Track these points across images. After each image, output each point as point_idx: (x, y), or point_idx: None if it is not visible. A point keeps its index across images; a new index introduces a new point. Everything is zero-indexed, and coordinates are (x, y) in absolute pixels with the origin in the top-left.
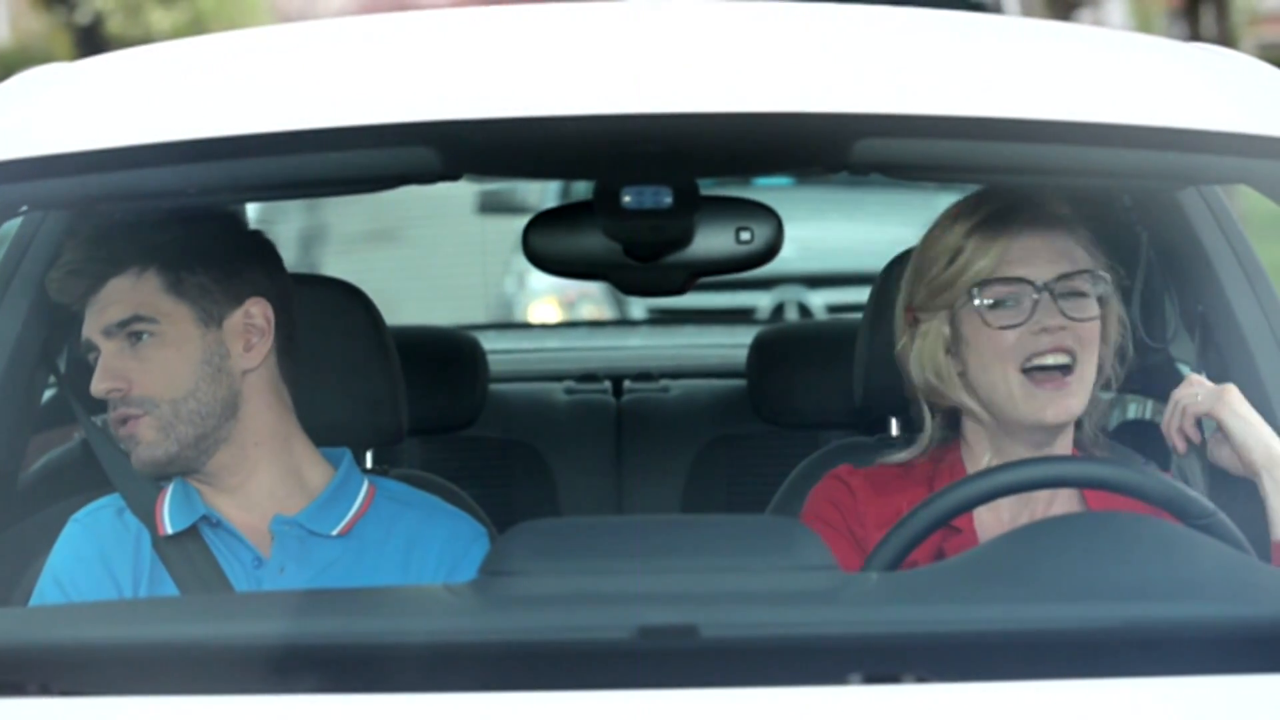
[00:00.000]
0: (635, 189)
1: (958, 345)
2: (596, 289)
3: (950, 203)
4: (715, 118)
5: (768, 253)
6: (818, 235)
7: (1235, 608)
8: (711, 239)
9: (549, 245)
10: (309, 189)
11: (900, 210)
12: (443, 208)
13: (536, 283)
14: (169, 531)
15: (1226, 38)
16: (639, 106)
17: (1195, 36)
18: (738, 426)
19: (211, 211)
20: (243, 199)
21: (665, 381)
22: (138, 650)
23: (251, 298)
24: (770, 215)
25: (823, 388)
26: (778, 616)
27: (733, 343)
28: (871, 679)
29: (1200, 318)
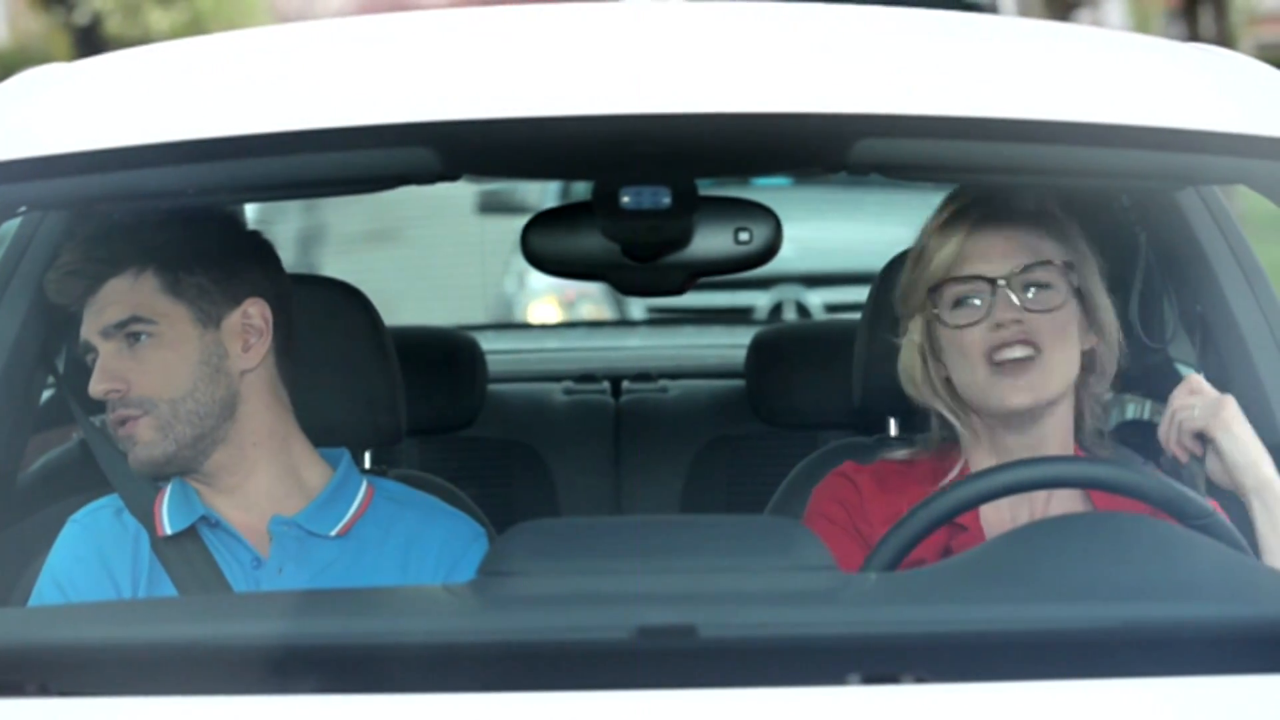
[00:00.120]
0: (634, 189)
1: (936, 349)
2: (596, 289)
3: None
4: (714, 118)
5: (766, 253)
6: (816, 235)
7: (1234, 608)
8: (710, 239)
9: (548, 245)
10: (308, 189)
11: (899, 210)
12: (442, 208)
13: (536, 282)
14: (168, 532)
15: (1225, 38)
16: (638, 107)
17: (1193, 37)
18: (736, 427)
19: (209, 212)
20: (242, 199)
21: (664, 382)
22: (136, 650)
23: (250, 298)
24: (769, 215)
25: (821, 388)
26: (777, 617)
27: (731, 343)
28: (870, 679)
29: (1199, 318)
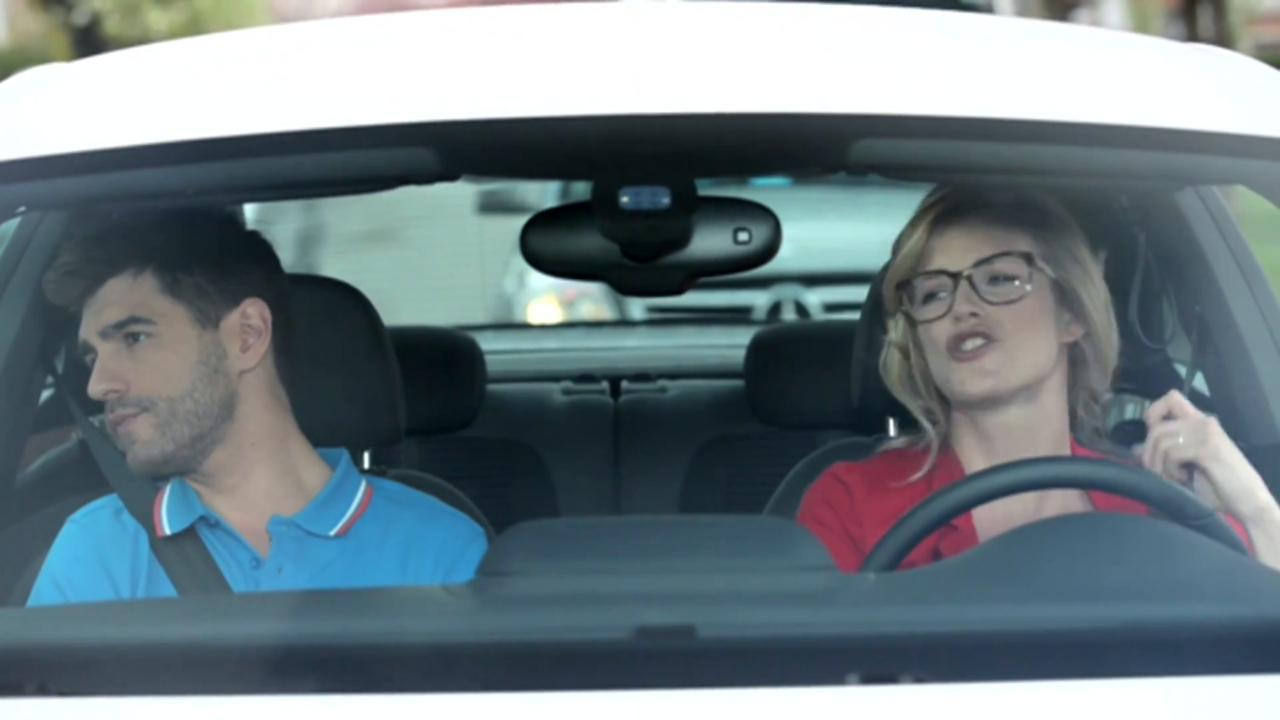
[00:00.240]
0: (633, 189)
1: (915, 345)
2: (596, 288)
3: None
4: (713, 118)
5: (766, 253)
6: (815, 234)
7: (1232, 608)
8: (709, 239)
9: (547, 246)
10: (307, 189)
11: (897, 210)
12: (441, 208)
13: (536, 281)
14: (167, 532)
15: (1224, 38)
16: (637, 107)
17: (1192, 37)
18: (735, 427)
19: (208, 212)
20: (241, 199)
21: (663, 382)
22: (135, 651)
23: (248, 298)
24: (768, 216)
25: (820, 388)
26: (775, 617)
27: (730, 343)
28: (869, 679)
29: (1198, 318)
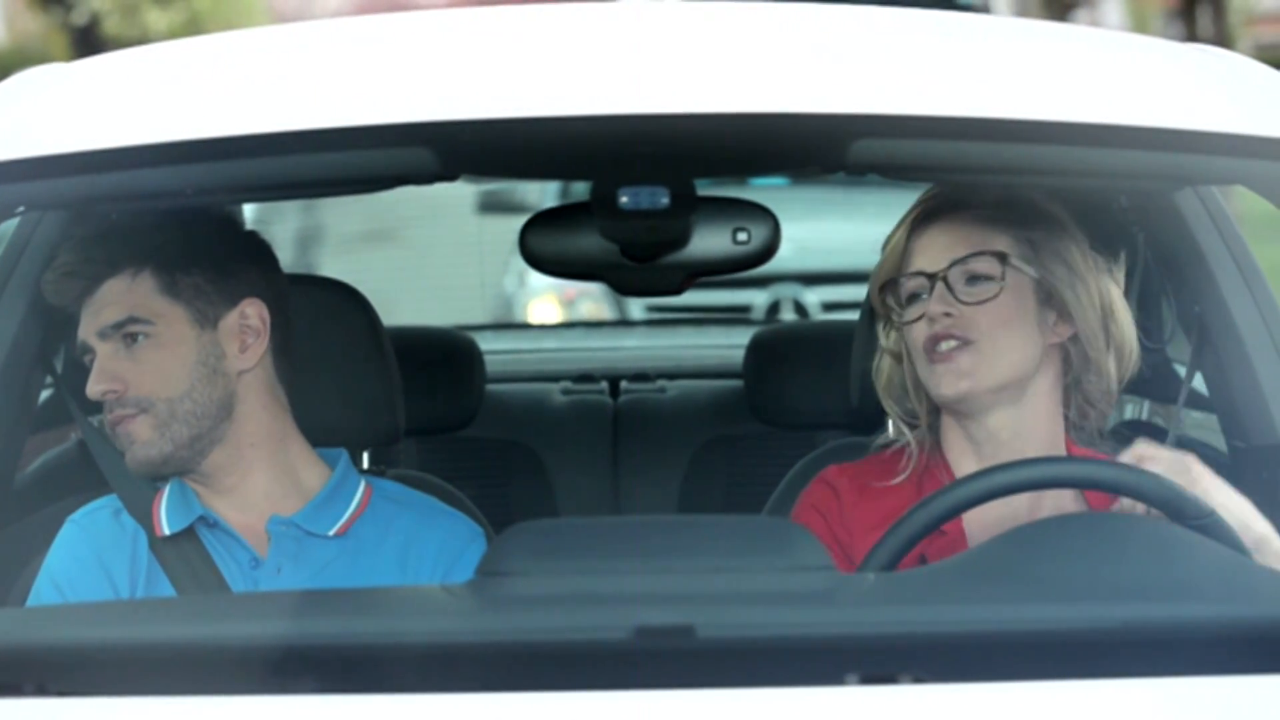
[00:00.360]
0: (632, 189)
1: (907, 352)
2: (596, 287)
3: None
4: (712, 118)
5: (765, 253)
6: (813, 233)
7: (1232, 608)
8: (708, 239)
9: (546, 246)
10: (306, 189)
11: (896, 209)
12: (440, 208)
13: (536, 280)
14: (166, 532)
15: (1223, 38)
16: (636, 107)
17: (1192, 37)
18: (734, 427)
19: (206, 213)
20: (240, 200)
21: (662, 382)
22: (135, 651)
23: (247, 298)
24: (767, 216)
25: (819, 388)
26: (775, 617)
27: (729, 343)
28: (868, 679)
29: (1197, 319)
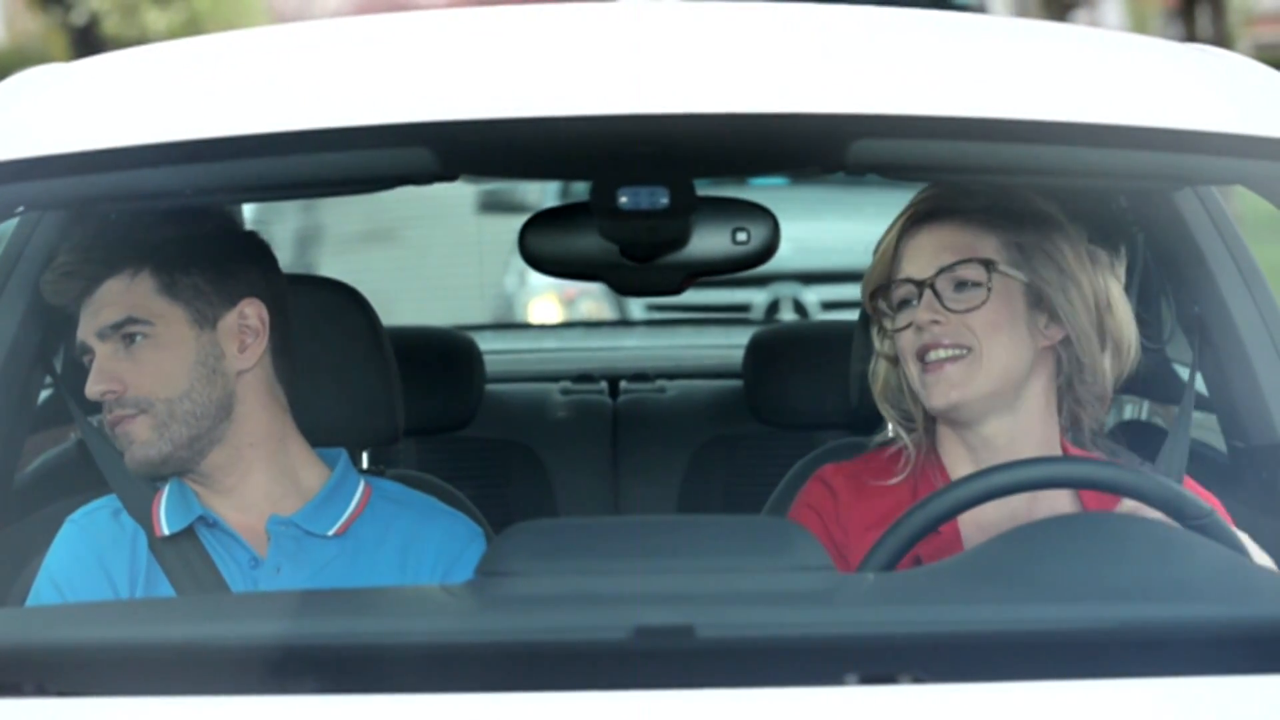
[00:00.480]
0: (632, 189)
1: (899, 357)
2: (596, 286)
3: None
4: (712, 118)
5: (764, 253)
6: (813, 232)
7: (1231, 608)
8: (708, 240)
9: (546, 246)
10: (306, 189)
11: (896, 209)
12: (440, 208)
13: (537, 280)
14: (165, 532)
15: (1222, 38)
16: (636, 107)
17: (1191, 37)
18: (734, 427)
19: (206, 213)
20: (239, 199)
21: (661, 382)
22: (134, 651)
23: (246, 298)
24: (767, 216)
25: (818, 388)
26: (774, 617)
27: (729, 343)
28: (868, 679)
29: (1197, 319)
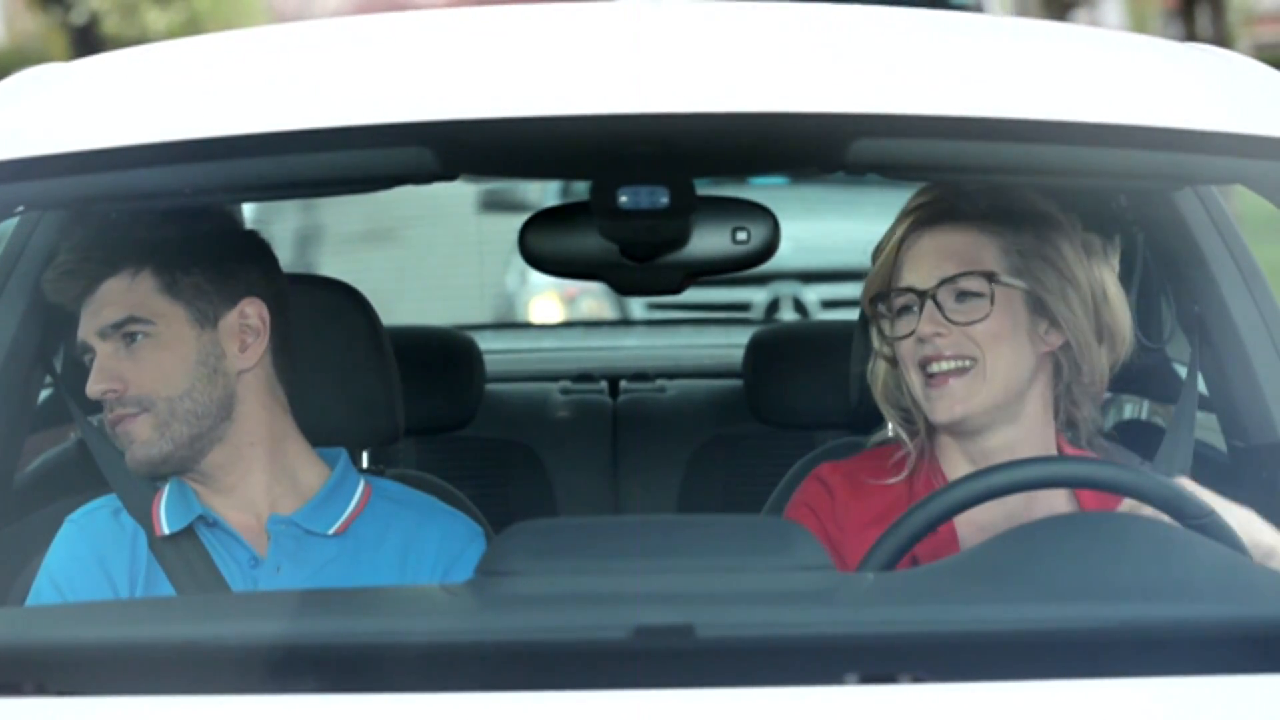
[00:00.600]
0: (632, 189)
1: (902, 362)
2: (597, 285)
3: None
4: (711, 118)
5: (764, 253)
6: (813, 231)
7: (1231, 608)
8: (708, 239)
9: (546, 245)
10: (306, 189)
11: (896, 208)
12: (440, 208)
13: (538, 278)
14: (165, 531)
15: (1222, 38)
16: (635, 107)
17: (1191, 37)
18: (734, 426)
19: (207, 212)
20: (239, 199)
21: (661, 381)
22: (134, 650)
23: (246, 298)
24: (767, 215)
25: (819, 388)
26: (774, 616)
27: (729, 343)
28: (868, 679)
29: (1197, 318)
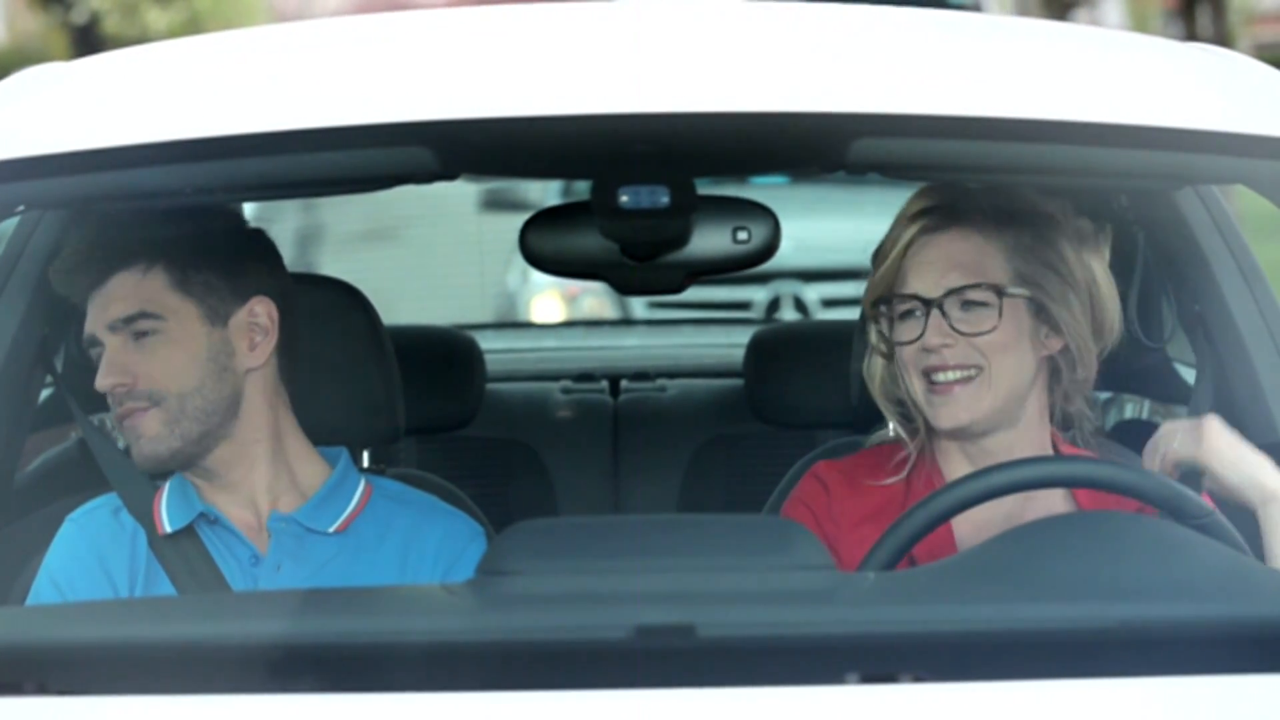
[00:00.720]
0: (632, 189)
1: (899, 362)
2: (598, 284)
3: None
4: (712, 117)
5: (765, 252)
6: (813, 230)
7: (1232, 607)
8: (709, 239)
9: (546, 245)
10: (306, 189)
11: (896, 207)
12: (441, 207)
13: (539, 277)
14: (167, 530)
15: (1223, 37)
16: (636, 106)
17: (1192, 36)
18: (734, 426)
19: (216, 210)
20: (240, 198)
21: (662, 381)
22: (134, 650)
23: (256, 296)
24: (767, 215)
25: (819, 387)
26: (775, 616)
27: (729, 342)
28: (868, 678)
29: (1198, 318)
